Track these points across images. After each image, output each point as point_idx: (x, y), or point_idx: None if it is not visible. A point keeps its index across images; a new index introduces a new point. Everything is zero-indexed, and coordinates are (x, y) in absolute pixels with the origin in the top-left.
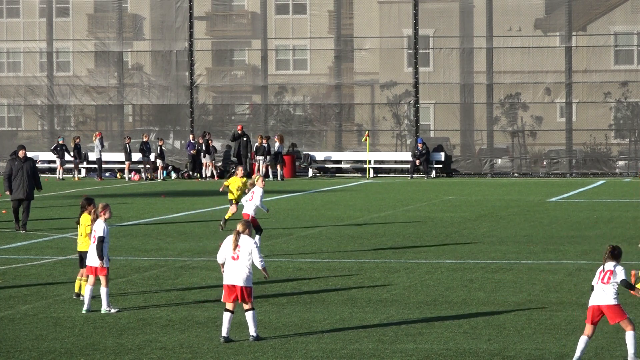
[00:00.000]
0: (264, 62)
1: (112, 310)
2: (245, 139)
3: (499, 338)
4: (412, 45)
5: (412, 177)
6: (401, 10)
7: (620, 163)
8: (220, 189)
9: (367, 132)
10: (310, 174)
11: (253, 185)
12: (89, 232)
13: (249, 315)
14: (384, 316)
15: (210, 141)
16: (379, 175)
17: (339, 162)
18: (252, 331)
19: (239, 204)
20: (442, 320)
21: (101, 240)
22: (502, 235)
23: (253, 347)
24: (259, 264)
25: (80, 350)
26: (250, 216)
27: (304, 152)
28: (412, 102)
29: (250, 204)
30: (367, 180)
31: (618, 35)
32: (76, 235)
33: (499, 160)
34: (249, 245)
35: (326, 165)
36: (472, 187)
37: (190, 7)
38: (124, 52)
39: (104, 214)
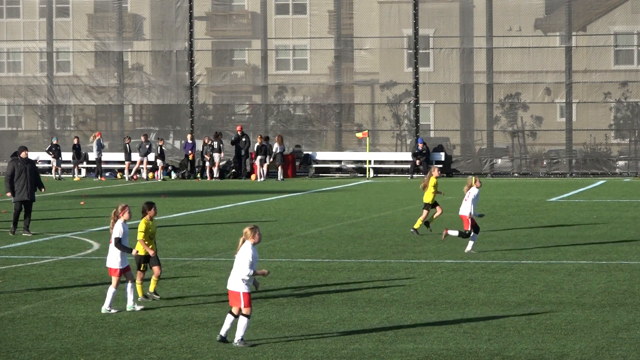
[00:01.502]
0: (264, 62)
1: (113, 311)
2: (244, 139)
3: (498, 338)
4: (412, 45)
5: (412, 177)
6: (401, 10)
7: (620, 163)
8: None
9: (364, 131)
10: (310, 173)
11: (470, 187)
12: (150, 234)
13: (239, 321)
14: (384, 316)
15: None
16: (379, 175)
17: (339, 162)
18: (236, 335)
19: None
20: (442, 320)
21: (118, 242)
22: (502, 235)
23: (253, 347)
24: (243, 274)
25: (80, 350)
26: (468, 217)
27: (304, 152)
28: (412, 102)
29: (466, 204)
30: (367, 180)
31: (618, 35)
32: (76, 235)
33: (499, 160)
34: (244, 251)
35: (326, 165)
36: None
37: (190, 7)
38: (124, 52)
39: (123, 215)
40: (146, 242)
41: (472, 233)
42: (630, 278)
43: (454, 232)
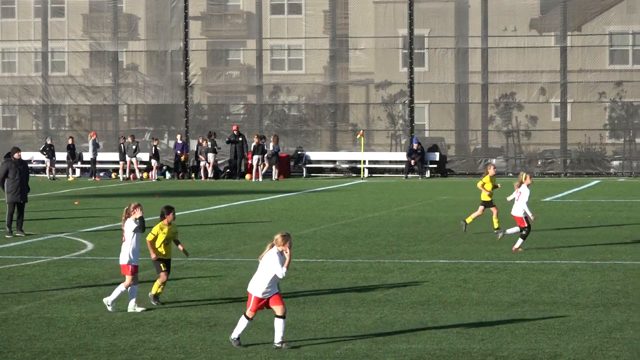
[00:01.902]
0: (259, 62)
1: (110, 308)
2: (240, 139)
3: (492, 338)
4: (407, 45)
5: (406, 177)
6: (396, 10)
7: (615, 163)
8: (480, 186)
9: (361, 131)
10: (304, 174)
11: (520, 184)
12: (164, 239)
13: (240, 320)
14: (377, 316)
15: (215, 141)
16: (373, 175)
17: (333, 162)
18: (234, 333)
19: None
20: (435, 320)
21: (139, 228)
22: (495, 235)
23: (247, 347)
24: (280, 274)
25: (73, 351)
26: (521, 217)
27: (299, 152)
28: (407, 102)
29: (519, 204)
30: (361, 180)
31: (613, 35)
32: (70, 236)
33: (494, 160)
34: (271, 256)
35: (321, 165)
36: (467, 187)
37: (186, 7)
38: (119, 52)
39: (135, 213)
40: (156, 246)
41: (525, 231)
42: (624, 278)
43: (519, 243)
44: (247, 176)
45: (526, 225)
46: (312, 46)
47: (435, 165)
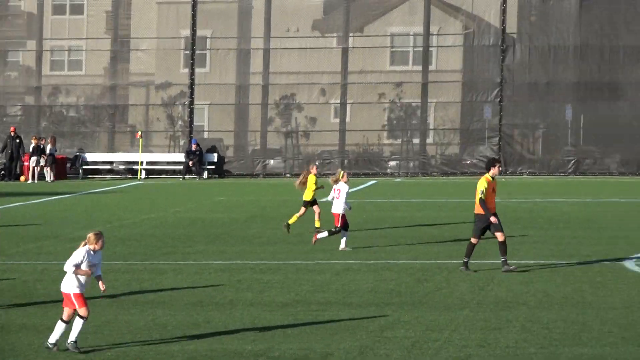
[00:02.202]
0: (38, 62)
1: None
2: (18, 140)
3: (264, 338)
4: (189, 46)
5: (184, 178)
6: (179, 11)
7: (392, 163)
8: (297, 186)
9: (138, 132)
10: (80, 176)
11: (337, 181)
12: None
13: (75, 322)
14: (150, 318)
15: None
16: (151, 176)
17: (111, 163)
18: (70, 336)
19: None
20: (208, 321)
21: None
22: (272, 236)
23: (25, 350)
24: (65, 268)
25: None
26: (340, 214)
27: (76, 154)
28: (186, 103)
29: (339, 202)
30: (138, 182)
31: (394, 36)
32: None
33: (272, 161)
34: (76, 252)
35: (98, 167)
36: (244, 188)
37: None
38: None
39: None
40: None
41: (342, 230)
42: (397, 277)
43: (323, 235)
44: (22, 178)
45: (341, 224)
46: (93, 47)
47: (213, 166)
